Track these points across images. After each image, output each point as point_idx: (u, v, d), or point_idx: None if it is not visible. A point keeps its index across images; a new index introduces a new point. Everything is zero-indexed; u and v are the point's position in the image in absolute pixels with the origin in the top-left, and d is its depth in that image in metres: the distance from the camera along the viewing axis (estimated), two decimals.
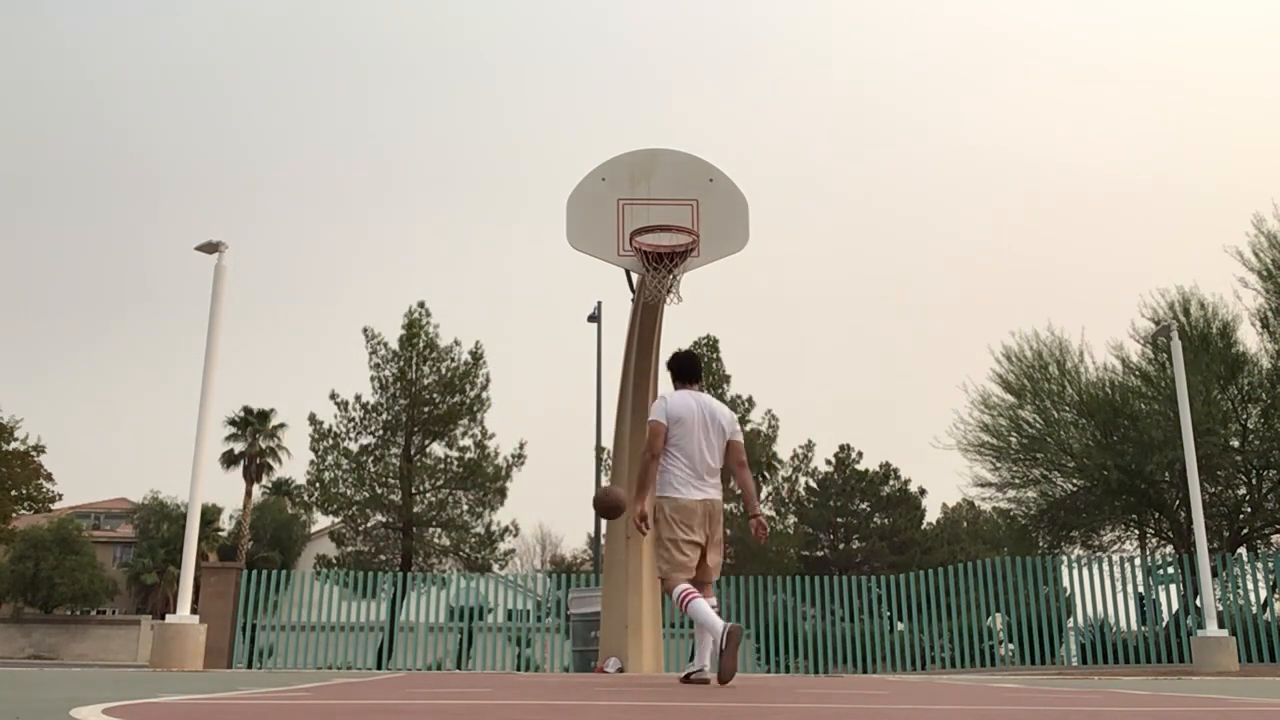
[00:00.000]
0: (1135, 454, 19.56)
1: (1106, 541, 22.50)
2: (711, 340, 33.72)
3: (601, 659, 11.38)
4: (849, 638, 18.04)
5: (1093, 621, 17.06)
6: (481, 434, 25.72)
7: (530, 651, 18.92)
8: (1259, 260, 19.88)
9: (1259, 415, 19.94)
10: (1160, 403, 19.32)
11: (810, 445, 37.40)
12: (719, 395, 33.07)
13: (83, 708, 3.22)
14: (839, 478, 42.49)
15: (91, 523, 52.83)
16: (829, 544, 42.32)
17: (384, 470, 24.95)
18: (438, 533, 25.49)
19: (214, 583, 17.88)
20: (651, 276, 10.68)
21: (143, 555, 49.10)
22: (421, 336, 26.03)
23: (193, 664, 10.27)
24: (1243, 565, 17.20)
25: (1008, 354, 21.69)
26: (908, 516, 42.27)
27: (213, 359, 11.21)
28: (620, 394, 11.85)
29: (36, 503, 32.30)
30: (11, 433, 30.40)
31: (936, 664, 18.07)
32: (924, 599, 18.10)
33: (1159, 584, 17.23)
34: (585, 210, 11.20)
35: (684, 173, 11.32)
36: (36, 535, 43.78)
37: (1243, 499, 20.54)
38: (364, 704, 3.58)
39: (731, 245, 11.17)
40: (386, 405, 25.58)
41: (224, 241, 11.40)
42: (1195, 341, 19.21)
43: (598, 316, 22.86)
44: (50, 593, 44.15)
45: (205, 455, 11.24)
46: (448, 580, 19.66)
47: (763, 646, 18.23)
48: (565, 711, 3.26)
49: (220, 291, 11.38)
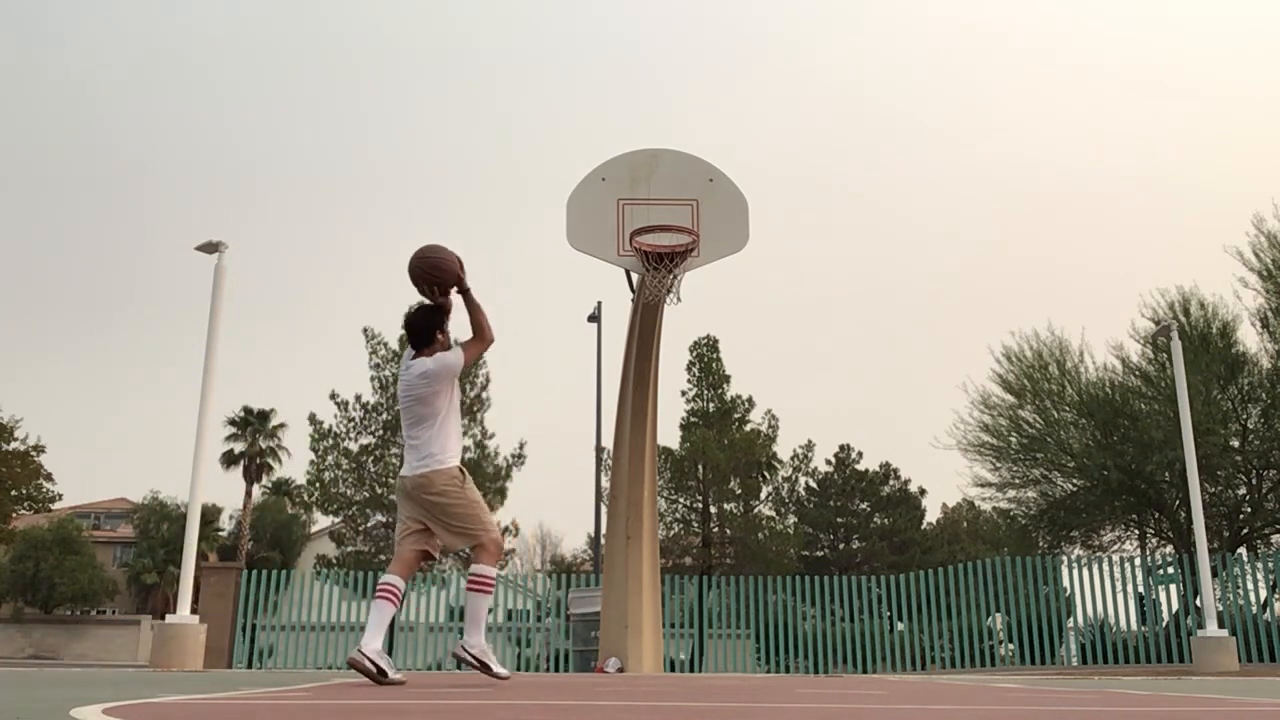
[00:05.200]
0: (1135, 454, 19.57)
1: (1106, 541, 22.53)
2: (711, 340, 33.74)
3: (601, 659, 11.38)
4: (849, 638, 18.04)
5: (1093, 621, 17.06)
6: (481, 434, 25.75)
7: (530, 651, 18.93)
8: (1259, 260, 19.89)
9: (1259, 415, 19.94)
10: (1160, 403, 19.32)
11: (810, 445, 37.39)
12: (719, 395, 33.08)
13: (83, 708, 3.22)
14: (839, 478, 42.50)
15: (91, 523, 52.83)
16: (829, 544, 42.33)
17: (384, 470, 24.98)
18: None
19: (214, 583, 17.88)
20: (651, 276, 10.67)
21: (143, 555, 49.09)
22: None
23: (193, 664, 10.27)
24: (1243, 565, 17.20)
25: (1008, 354, 21.72)
26: (908, 516, 42.28)
27: (213, 359, 11.21)
28: (620, 394, 11.85)
29: (36, 503, 32.30)
30: (11, 433, 30.39)
31: (936, 664, 18.07)
32: (924, 599, 18.10)
33: (1159, 584, 17.23)
34: (585, 210, 11.20)
35: (684, 173, 11.31)
36: (36, 535, 43.77)
37: (1243, 499, 20.54)
38: (364, 704, 3.58)
39: (731, 245, 11.17)
40: (386, 405, 25.61)
41: (224, 241, 11.40)
42: (1195, 341, 19.21)
43: (598, 316, 22.86)
44: (50, 593, 44.14)
45: (205, 455, 11.24)
46: (448, 580, 19.67)
47: (763, 646, 18.23)
48: (565, 711, 3.26)
49: (220, 291, 11.38)
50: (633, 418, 11.46)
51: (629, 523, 11.38)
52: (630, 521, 11.38)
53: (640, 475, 11.49)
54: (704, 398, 32.98)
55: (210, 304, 11.39)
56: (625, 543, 11.35)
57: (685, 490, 31.46)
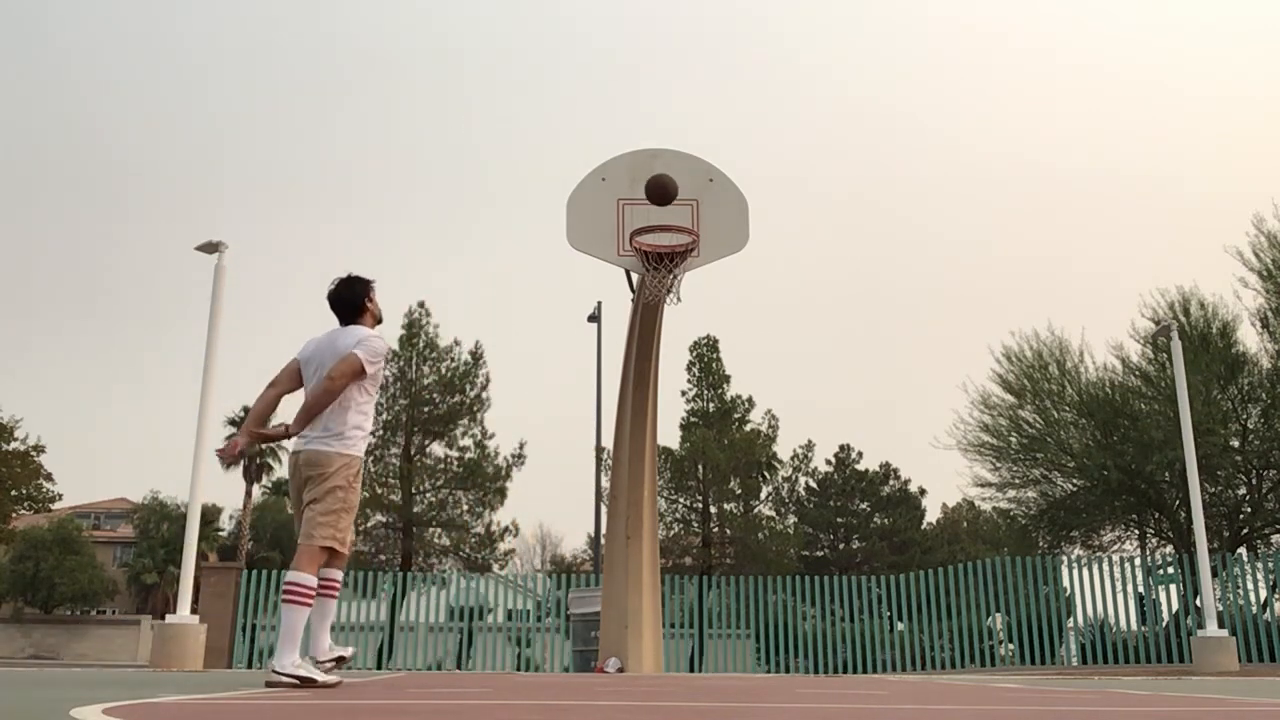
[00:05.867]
0: (1135, 454, 19.56)
1: (1106, 541, 22.52)
2: (711, 340, 33.72)
3: (601, 659, 11.38)
4: (849, 638, 18.03)
5: (1093, 621, 17.06)
6: (481, 434, 25.76)
7: (530, 651, 18.92)
8: (1259, 260, 19.88)
9: (1259, 415, 19.94)
10: (1160, 403, 19.32)
11: (810, 445, 37.40)
12: (719, 395, 33.05)
13: (83, 708, 3.22)
14: (839, 478, 42.51)
15: (91, 523, 52.84)
16: (829, 544, 42.33)
17: (384, 470, 24.98)
18: (438, 533, 25.51)
19: (214, 583, 17.88)
20: (651, 276, 10.67)
21: (143, 555, 49.11)
22: (421, 336, 26.05)
23: (193, 664, 10.28)
24: (1243, 565, 17.20)
25: (1008, 354, 21.71)
26: (908, 516, 42.29)
27: (213, 359, 11.21)
28: (620, 394, 11.85)
29: (36, 503, 32.31)
30: (11, 433, 30.40)
31: (936, 664, 18.07)
32: (924, 599, 18.10)
33: (1159, 584, 17.23)
34: (585, 210, 11.19)
35: (684, 173, 11.31)
36: (36, 535, 43.77)
37: (1243, 499, 20.54)
38: (364, 704, 3.58)
39: (731, 245, 11.16)
40: (386, 405, 25.60)
41: (224, 241, 11.41)
42: (1195, 341, 19.20)
43: (598, 316, 22.86)
44: (50, 593, 44.14)
45: (205, 455, 11.24)
46: (448, 580, 19.66)
47: (763, 646, 18.23)
48: (565, 711, 3.26)
49: (220, 291, 11.38)
50: (633, 418, 11.46)
51: (629, 523, 11.38)
52: (630, 521, 11.38)
53: (640, 475, 11.49)
54: (704, 398, 32.97)
55: (210, 304, 11.39)
56: (625, 543, 11.34)
57: (685, 490, 31.44)
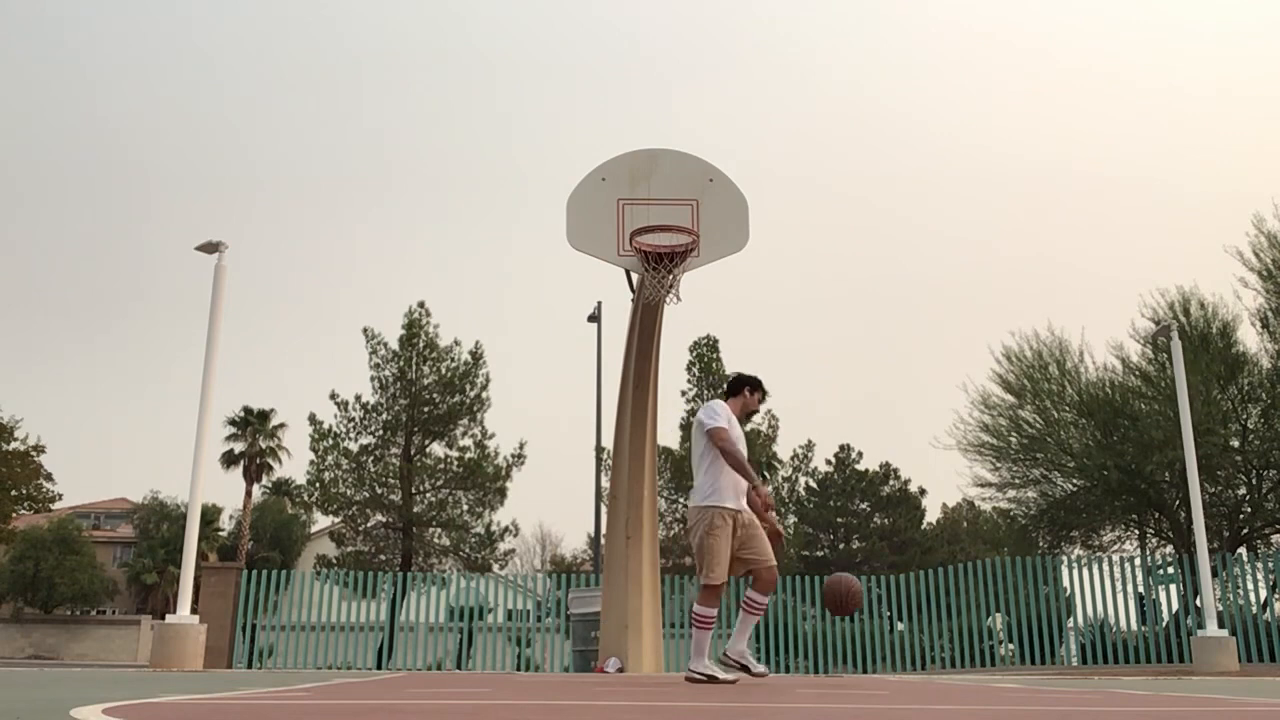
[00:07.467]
0: (1135, 454, 19.55)
1: (1106, 541, 22.50)
2: (711, 340, 33.68)
3: (601, 659, 11.38)
4: (849, 638, 18.04)
5: (1093, 621, 17.05)
6: (481, 434, 25.72)
7: (530, 651, 18.92)
8: (1259, 260, 19.87)
9: (1259, 415, 19.92)
10: (1160, 403, 19.31)
11: (810, 445, 37.34)
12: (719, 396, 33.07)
13: (83, 708, 3.22)
14: (839, 478, 42.47)
15: (91, 523, 52.83)
16: (829, 544, 42.29)
17: (384, 470, 24.95)
18: (438, 533, 25.49)
19: (214, 583, 17.88)
20: (651, 276, 10.67)
21: (143, 555, 49.11)
22: (421, 336, 26.03)
23: (193, 664, 10.27)
24: (1243, 565, 17.20)
25: (1008, 354, 21.69)
26: (908, 516, 42.24)
27: (212, 359, 11.21)
28: (620, 394, 11.85)
29: (36, 503, 32.29)
30: (11, 433, 30.38)
31: (936, 664, 18.07)
32: (924, 599, 18.10)
33: (1159, 584, 17.23)
34: (585, 210, 11.20)
35: (684, 173, 11.31)
36: (36, 535, 43.77)
37: (1243, 499, 20.53)
38: (364, 704, 3.58)
39: (731, 245, 11.17)
40: (386, 405, 25.59)
41: (224, 241, 11.41)
42: (1195, 341, 19.20)
43: (598, 316, 22.86)
44: (50, 593, 44.14)
45: (205, 455, 11.24)
46: (448, 580, 19.66)
47: (763, 646, 18.23)
48: (565, 711, 3.26)
49: (220, 291, 11.38)
50: (633, 418, 11.46)
51: (629, 523, 11.38)
52: (630, 521, 11.38)
53: (640, 475, 11.49)
54: (704, 398, 32.94)
55: (210, 304, 11.40)
56: (625, 543, 11.34)
57: (685, 490, 31.43)
